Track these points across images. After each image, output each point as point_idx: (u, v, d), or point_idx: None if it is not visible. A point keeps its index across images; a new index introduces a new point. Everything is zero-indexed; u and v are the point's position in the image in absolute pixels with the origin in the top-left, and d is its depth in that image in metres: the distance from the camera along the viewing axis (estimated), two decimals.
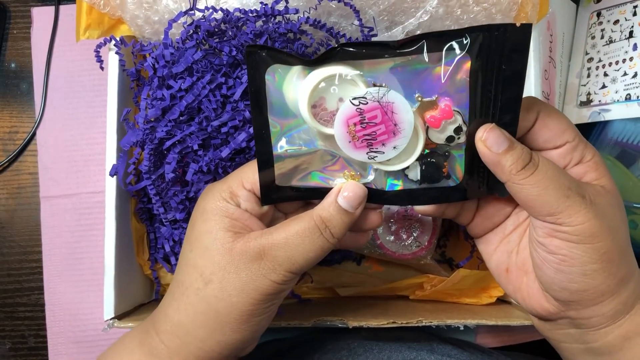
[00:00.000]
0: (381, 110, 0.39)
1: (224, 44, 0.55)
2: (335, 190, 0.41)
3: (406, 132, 0.40)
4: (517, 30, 0.37)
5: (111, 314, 0.57)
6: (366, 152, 0.40)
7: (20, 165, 0.77)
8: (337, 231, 0.41)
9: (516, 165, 0.38)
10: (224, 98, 0.54)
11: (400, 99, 0.39)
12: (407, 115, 0.39)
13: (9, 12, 0.78)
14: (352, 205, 0.41)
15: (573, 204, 0.38)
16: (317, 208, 0.41)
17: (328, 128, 0.41)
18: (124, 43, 0.59)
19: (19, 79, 0.77)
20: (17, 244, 0.76)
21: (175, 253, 0.62)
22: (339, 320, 0.56)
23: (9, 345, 0.75)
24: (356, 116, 0.39)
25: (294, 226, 0.40)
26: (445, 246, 0.73)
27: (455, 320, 0.57)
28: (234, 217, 0.42)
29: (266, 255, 0.40)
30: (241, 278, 0.40)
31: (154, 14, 0.57)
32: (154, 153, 0.55)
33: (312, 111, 0.41)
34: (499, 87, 0.38)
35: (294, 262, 0.40)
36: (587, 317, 0.41)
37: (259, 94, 0.41)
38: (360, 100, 0.39)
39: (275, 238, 0.40)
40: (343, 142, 0.40)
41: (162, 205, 0.57)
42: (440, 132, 0.40)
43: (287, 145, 0.42)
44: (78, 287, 0.74)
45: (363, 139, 0.40)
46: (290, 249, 0.40)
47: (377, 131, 0.40)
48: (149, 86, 0.56)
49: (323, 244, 0.40)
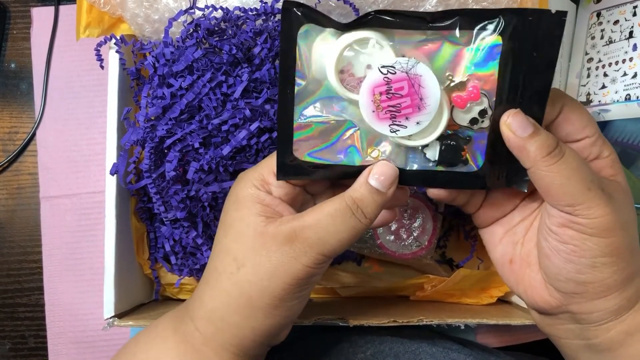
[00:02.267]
0: (408, 82, 0.38)
1: (224, 42, 0.55)
2: (366, 171, 0.40)
3: (431, 108, 0.38)
4: (552, 17, 0.36)
5: (111, 312, 0.57)
6: (389, 125, 0.39)
7: (20, 165, 0.77)
8: (370, 211, 0.40)
9: (541, 151, 0.38)
10: (224, 96, 0.54)
11: (429, 73, 0.38)
12: (434, 91, 0.38)
13: (8, 13, 0.78)
14: (384, 186, 0.40)
15: (593, 197, 0.38)
16: (349, 190, 0.40)
17: (353, 94, 0.40)
18: (124, 42, 0.59)
19: (18, 79, 0.78)
20: (17, 244, 0.76)
21: (175, 252, 0.62)
22: (340, 319, 0.56)
23: (9, 345, 0.75)
24: (383, 85, 0.38)
25: (326, 208, 0.40)
26: (445, 246, 0.73)
27: (456, 319, 0.57)
28: (265, 203, 0.42)
29: (298, 237, 0.40)
30: (273, 261, 0.40)
31: (154, 12, 0.57)
32: (155, 152, 0.55)
33: (339, 76, 0.40)
34: (528, 74, 0.38)
35: (325, 243, 0.40)
36: (589, 311, 0.41)
37: (289, 52, 0.40)
38: (389, 69, 0.38)
39: (306, 220, 0.40)
40: (367, 111, 0.39)
41: (163, 204, 0.57)
42: (465, 112, 0.39)
43: (312, 111, 0.41)
44: (78, 287, 0.74)
45: (387, 110, 0.39)
46: (321, 230, 0.39)
47: (402, 103, 0.39)
48: (150, 85, 0.56)
49: (355, 225, 0.40)
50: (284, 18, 0.39)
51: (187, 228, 0.58)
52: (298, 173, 0.42)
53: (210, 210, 0.58)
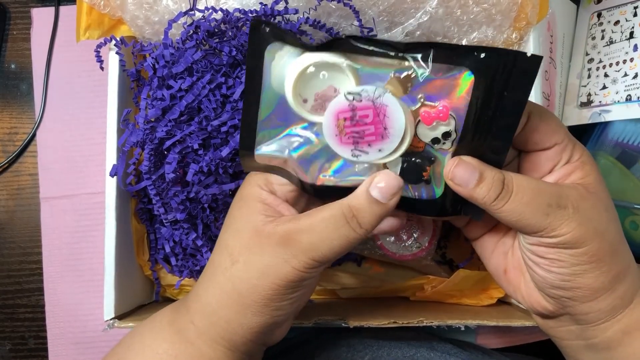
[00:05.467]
0: (374, 111, 0.38)
1: (223, 44, 0.55)
2: (368, 180, 0.40)
3: (394, 137, 0.39)
4: (526, 60, 0.36)
5: (111, 314, 0.57)
6: (351, 149, 0.40)
7: (20, 166, 0.77)
8: (366, 222, 0.39)
9: (489, 197, 0.38)
10: (223, 98, 0.54)
11: (395, 103, 0.38)
12: (398, 122, 0.38)
13: (8, 13, 0.78)
14: (385, 197, 0.39)
15: (554, 220, 0.38)
16: (349, 196, 0.40)
17: (314, 115, 0.40)
18: (124, 43, 0.59)
19: (18, 79, 0.78)
20: (17, 245, 0.76)
21: (175, 254, 0.62)
22: (340, 320, 0.56)
23: (9, 346, 0.75)
24: (347, 111, 0.39)
25: (321, 213, 0.40)
26: (445, 247, 0.72)
27: (456, 320, 0.57)
28: (266, 202, 0.42)
29: (291, 240, 0.39)
30: (264, 261, 0.40)
31: (154, 14, 0.57)
32: (154, 153, 0.55)
33: (302, 97, 0.40)
34: (497, 112, 0.38)
35: (316, 249, 0.39)
36: (585, 312, 0.41)
37: (255, 69, 0.40)
38: (355, 96, 0.38)
39: (301, 223, 0.40)
40: (329, 134, 0.40)
41: (163, 205, 0.57)
42: (430, 130, 0.39)
43: (270, 143, 0.42)
44: (78, 288, 0.74)
45: (350, 136, 0.39)
46: (314, 235, 0.39)
47: (365, 131, 0.39)
48: (149, 86, 0.56)
49: (348, 234, 0.39)
50: (252, 35, 0.40)
51: (187, 230, 0.58)
52: (259, 169, 0.44)
53: (210, 212, 0.58)
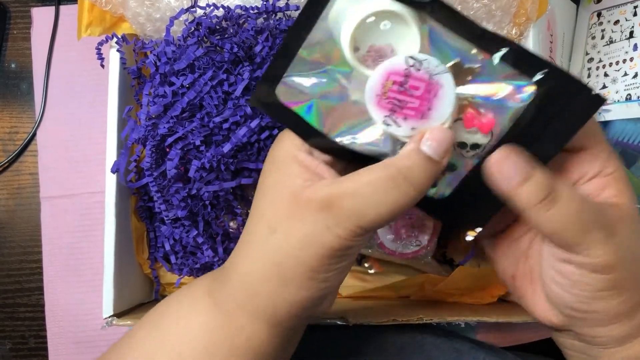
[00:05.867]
0: (426, 86, 0.35)
1: (225, 40, 0.55)
2: (418, 136, 0.35)
3: (434, 121, 0.35)
4: (590, 97, 0.34)
5: (110, 311, 0.57)
6: (384, 115, 0.36)
7: (20, 165, 0.77)
8: (420, 183, 0.35)
9: (532, 199, 0.35)
10: (225, 94, 0.54)
11: (451, 88, 0.35)
12: (445, 108, 0.35)
13: (9, 13, 0.78)
14: (438, 153, 0.35)
15: (592, 240, 0.35)
16: (395, 157, 0.36)
17: (361, 65, 0.37)
18: (126, 41, 0.59)
19: (19, 79, 0.78)
20: (18, 245, 0.76)
21: (175, 252, 0.62)
22: (339, 318, 0.56)
23: (9, 345, 0.75)
24: (400, 75, 0.35)
25: (367, 175, 0.35)
26: (445, 247, 0.72)
27: (456, 317, 0.57)
28: (304, 164, 0.38)
29: (333, 205, 0.35)
30: (306, 229, 0.36)
31: (156, 11, 0.57)
32: (156, 150, 0.55)
33: (358, 44, 0.37)
34: (538, 138, 0.35)
35: (362, 215, 0.35)
36: (594, 335, 0.39)
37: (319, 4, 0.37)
38: (415, 64, 0.35)
39: (344, 186, 0.36)
40: (371, 91, 0.36)
41: (164, 202, 0.57)
42: (464, 132, 0.37)
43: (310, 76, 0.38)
44: (78, 287, 0.74)
45: (391, 101, 0.36)
46: (359, 200, 0.35)
47: (408, 102, 0.35)
48: (151, 83, 0.56)
49: (398, 198, 0.35)
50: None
51: (188, 227, 0.58)
52: (271, 110, 0.40)
53: (212, 209, 0.58)
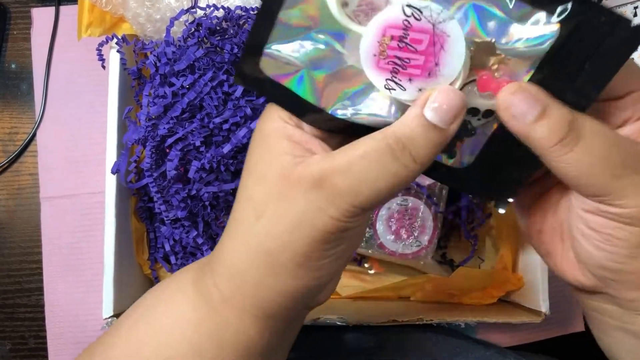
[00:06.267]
0: (431, 38, 0.30)
1: (225, 41, 0.55)
2: (421, 99, 0.31)
3: (444, 79, 0.30)
4: (628, 32, 0.28)
5: (110, 312, 0.57)
6: (385, 78, 0.31)
7: (20, 166, 0.77)
8: (422, 154, 0.31)
9: (550, 138, 0.30)
10: (225, 95, 0.54)
11: (459, 36, 0.30)
12: (456, 61, 0.30)
13: (9, 13, 0.78)
14: (445, 120, 0.30)
15: (626, 186, 0.30)
16: (395, 124, 0.31)
17: (351, 22, 0.32)
18: (126, 41, 0.59)
19: (19, 79, 0.77)
20: (17, 245, 0.76)
21: (175, 252, 0.62)
22: (339, 318, 0.56)
23: (9, 346, 0.75)
24: (398, 28, 0.30)
25: (361, 147, 0.31)
26: (446, 247, 0.73)
27: (456, 318, 0.57)
28: (294, 139, 0.34)
29: (326, 183, 0.31)
30: (296, 211, 0.32)
31: (156, 12, 0.57)
32: (156, 150, 0.55)
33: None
34: (569, 88, 0.30)
35: (357, 193, 0.31)
36: (631, 299, 0.35)
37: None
38: (414, 12, 0.29)
39: (337, 162, 0.31)
40: (366, 51, 0.31)
41: (164, 203, 0.57)
42: (475, 97, 0.32)
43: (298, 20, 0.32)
44: (78, 288, 0.74)
45: (391, 61, 0.31)
46: (353, 175, 0.31)
47: (411, 60, 0.30)
48: (151, 84, 0.56)
49: (397, 171, 0.31)
50: None
51: (188, 227, 0.58)
52: (259, 87, 0.34)
53: (211, 210, 0.58)
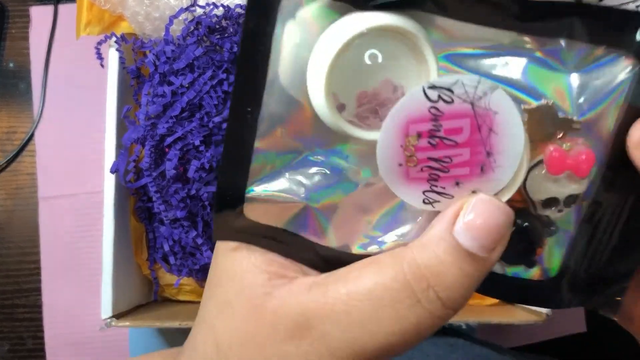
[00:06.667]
0: (472, 122, 0.22)
1: (225, 40, 0.54)
2: (450, 213, 0.22)
3: (503, 172, 0.22)
4: None
5: (109, 313, 0.56)
6: (423, 191, 0.23)
7: (18, 165, 0.76)
8: (454, 296, 0.22)
9: None
10: (225, 94, 0.54)
11: (512, 109, 0.22)
12: (514, 143, 0.22)
13: (7, 12, 0.77)
14: (485, 244, 0.22)
15: None
16: (413, 246, 0.23)
17: (356, 129, 0.23)
18: (125, 40, 0.58)
19: (17, 78, 0.77)
20: (16, 245, 0.75)
21: (174, 252, 0.62)
22: None
23: (7, 346, 0.75)
24: (426, 121, 0.22)
25: (365, 279, 0.22)
26: None
27: (457, 318, 0.57)
28: (269, 269, 0.25)
29: (312, 329, 0.22)
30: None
31: (155, 10, 0.56)
32: (155, 150, 0.55)
33: (335, 96, 0.23)
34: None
35: (359, 349, 0.22)
36: None
37: (260, 38, 0.23)
38: (442, 94, 0.21)
39: (329, 298, 0.22)
40: (388, 164, 0.23)
41: (163, 203, 0.57)
42: (551, 182, 0.24)
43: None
44: (76, 288, 0.74)
45: (425, 167, 0.22)
46: (354, 322, 0.22)
47: (453, 158, 0.22)
48: (150, 83, 0.56)
49: (419, 319, 0.22)
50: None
51: (187, 227, 0.58)
52: (249, 240, 0.25)
53: (211, 210, 0.57)
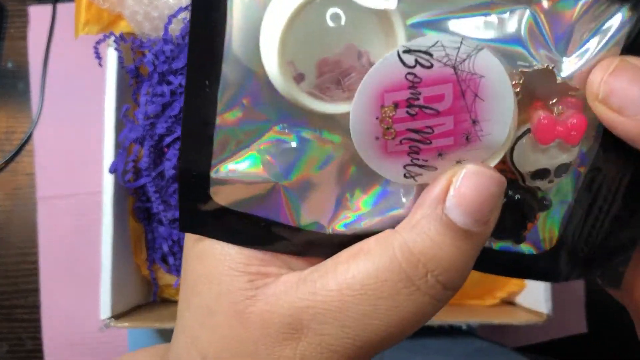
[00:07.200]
0: (455, 88, 0.20)
1: None
2: (438, 189, 0.20)
3: (491, 140, 0.21)
4: None
5: (108, 313, 0.56)
6: (403, 165, 0.21)
7: (17, 165, 0.76)
8: (453, 277, 0.21)
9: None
10: None
11: (499, 71, 0.20)
12: (503, 109, 0.20)
13: (6, 11, 0.77)
14: (478, 219, 0.20)
15: None
16: (403, 228, 0.21)
17: (320, 102, 0.21)
18: (123, 39, 0.58)
19: (16, 78, 0.77)
20: (15, 245, 0.75)
21: (173, 252, 0.61)
22: None
23: (6, 347, 0.74)
24: (403, 89, 0.20)
25: (357, 271, 0.21)
26: None
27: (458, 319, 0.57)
28: (249, 270, 0.23)
29: (306, 330, 0.21)
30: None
31: (154, 9, 0.56)
32: (154, 150, 0.55)
33: (295, 68, 0.21)
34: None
35: (359, 345, 0.21)
36: None
37: (208, 11, 0.21)
38: (419, 58, 0.19)
39: (320, 296, 0.21)
40: (363, 138, 0.21)
41: (162, 203, 0.56)
42: (537, 154, 0.22)
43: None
44: (75, 289, 0.73)
45: (404, 139, 0.21)
46: (350, 321, 0.21)
47: (435, 127, 0.20)
48: (149, 82, 0.56)
49: (418, 306, 0.21)
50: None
51: None
52: (218, 229, 0.23)
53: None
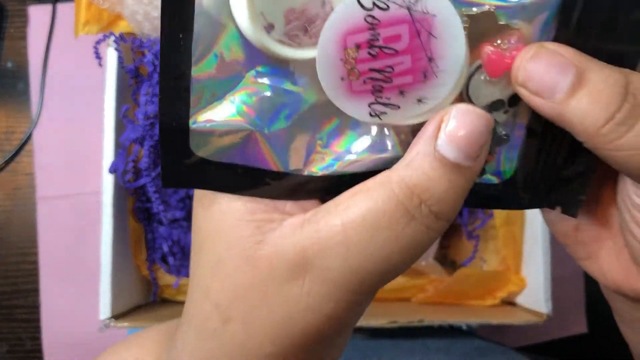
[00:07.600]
0: (410, 28, 0.21)
1: None
2: (431, 128, 0.22)
3: (446, 76, 0.22)
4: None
5: (107, 313, 0.56)
6: (368, 103, 0.23)
7: (16, 165, 0.76)
8: (445, 207, 0.22)
9: (595, 117, 0.21)
10: None
11: (450, 11, 0.21)
12: (455, 46, 0.22)
13: (6, 11, 0.77)
14: (470, 153, 0.21)
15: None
16: (399, 167, 0.22)
17: (289, 48, 0.23)
18: (123, 39, 0.58)
19: (15, 78, 0.77)
20: (14, 246, 0.75)
21: (173, 253, 0.61)
22: None
23: (6, 347, 0.74)
24: (363, 31, 0.21)
25: (357, 206, 0.22)
26: (447, 247, 0.72)
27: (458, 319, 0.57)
28: (255, 216, 0.24)
29: (311, 266, 0.22)
30: (274, 313, 0.23)
31: (154, 9, 0.56)
32: (154, 150, 0.55)
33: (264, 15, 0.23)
34: (609, 36, 0.22)
35: (361, 274, 0.22)
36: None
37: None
38: (376, 1, 0.21)
39: (323, 233, 0.22)
40: (329, 79, 0.22)
41: (162, 203, 0.56)
42: (490, 88, 0.23)
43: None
44: (75, 289, 0.73)
45: (367, 79, 0.22)
46: (353, 251, 0.22)
47: (395, 66, 0.22)
48: (149, 82, 0.55)
49: (416, 235, 0.22)
50: None
51: (186, 228, 0.57)
52: (201, 179, 0.24)
53: None
